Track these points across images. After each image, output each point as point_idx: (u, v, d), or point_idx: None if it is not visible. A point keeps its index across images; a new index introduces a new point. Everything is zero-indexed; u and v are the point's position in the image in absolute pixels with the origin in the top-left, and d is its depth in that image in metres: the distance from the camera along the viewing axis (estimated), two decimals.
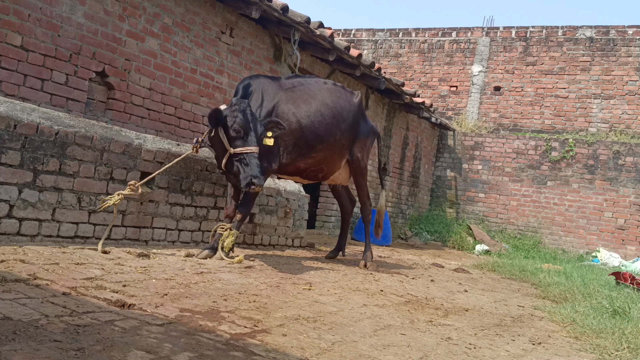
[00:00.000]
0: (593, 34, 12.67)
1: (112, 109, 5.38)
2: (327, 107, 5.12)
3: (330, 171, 5.40)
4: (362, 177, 5.72)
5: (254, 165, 4.12)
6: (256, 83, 4.80)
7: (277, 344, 2.30)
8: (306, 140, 4.96)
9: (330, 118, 5.12)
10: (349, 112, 5.35)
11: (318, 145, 5.04)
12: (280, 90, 4.88)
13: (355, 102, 5.49)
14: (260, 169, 4.15)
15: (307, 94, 5.05)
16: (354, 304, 3.48)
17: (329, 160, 5.25)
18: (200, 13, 6.26)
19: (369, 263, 5.50)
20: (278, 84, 4.95)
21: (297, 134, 4.89)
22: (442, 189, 13.16)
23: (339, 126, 5.21)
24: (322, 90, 5.21)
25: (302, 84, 5.15)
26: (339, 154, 5.35)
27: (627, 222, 11.41)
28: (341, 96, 5.36)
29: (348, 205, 6.09)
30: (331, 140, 5.14)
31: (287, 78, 5.18)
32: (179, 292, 2.95)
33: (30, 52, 4.65)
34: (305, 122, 4.93)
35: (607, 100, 12.43)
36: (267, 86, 4.83)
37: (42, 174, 3.59)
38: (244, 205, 4.67)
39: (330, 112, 5.13)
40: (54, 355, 1.73)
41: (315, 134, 5.00)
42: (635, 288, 5.73)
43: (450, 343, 2.86)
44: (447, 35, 14.03)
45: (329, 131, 5.11)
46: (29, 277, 2.64)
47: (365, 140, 5.62)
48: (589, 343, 3.33)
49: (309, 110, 4.98)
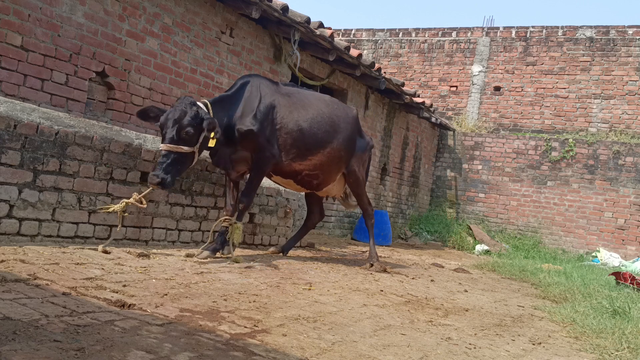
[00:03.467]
0: (593, 34, 12.67)
1: (112, 109, 5.38)
2: (324, 115, 5.17)
3: (325, 181, 5.39)
4: (360, 188, 5.76)
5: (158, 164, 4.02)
6: (255, 81, 4.83)
7: (277, 344, 2.30)
8: (304, 142, 4.98)
9: (327, 126, 5.16)
10: (347, 124, 5.40)
11: (315, 148, 5.07)
12: (277, 92, 4.92)
13: (352, 116, 5.56)
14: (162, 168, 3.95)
15: (304, 101, 5.11)
16: (354, 304, 3.48)
17: (326, 168, 5.25)
18: (200, 13, 6.26)
19: (376, 263, 5.51)
20: (276, 87, 4.99)
21: (295, 135, 4.91)
22: (442, 189, 13.16)
23: (336, 136, 5.24)
24: (319, 101, 5.27)
25: (299, 92, 5.21)
26: (336, 165, 5.37)
27: (627, 222, 11.41)
28: (338, 108, 5.43)
29: (316, 215, 5.88)
30: (328, 148, 5.17)
31: (285, 85, 5.24)
32: (179, 292, 2.95)
33: (30, 52, 4.64)
34: (304, 125, 4.97)
35: (607, 100, 12.43)
36: (266, 86, 4.86)
37: (42, 174, 3.59)
38: (246, 195, 4.71)
39: (327, 121, 5.18)
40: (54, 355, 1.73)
41: (314, 137, 5.03)
42: (635, 288, 5.73)
43: (450, 343, 2.86)
44: (447, 35, 14.03)
45: (327, 138, 5.14)
46: (29, 277, 2.64)
47: (362, 154, 5.70)
48: (589, 343, 3.33)
49: (307, 115, 5.02)
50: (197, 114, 4.09)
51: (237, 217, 4.65)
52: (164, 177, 3.87)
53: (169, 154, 3.96)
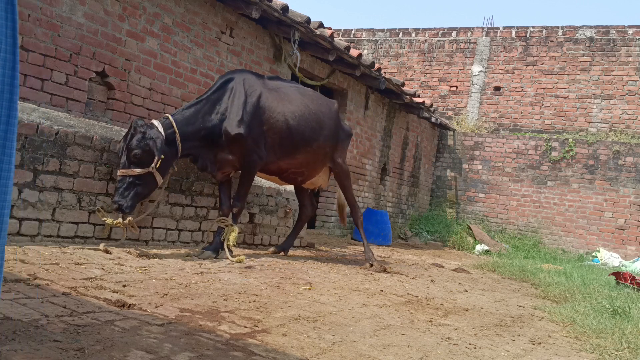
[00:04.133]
0: (593, 34, 12.67)
1: (112, 109, 5.38)
2: (311, 111, 5.14)
3: (309, 175, 5.42)
4: (347, 179, 5.74)
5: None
6: (239, 77, 4.74)
7: (277, 344, 2.30)
8: (292, 140, 4.94)
9: (314, 122, 5.14)
10: (330, 120, 5.40)
11: (302, 147, 5.05)
12: (264, 88, 4.83)
13: (335, 110, 5.55)
14: (119, 194, 3.94)
15: (291, 97, 5.04)
16: (354, 304, 3.48)
17: (311, 164, 5.26)
18: (200, 13, 6.26)
19: (376, 263, 5.49)
20: (262, 82, 4.90)
21: (284, 133, 4.87)
22: (442, 189, 13.16)
23: (322, 132, 5.23)
24: (304, 96, 5.22)
25: (285, 86, 5.14)
26: (321, 161, 5.38)
27: (627, 222, 11.41)
28: (322, 103, 5.41)
29: (308, 208, 5.85)
30: (314, 145, 5.15)
31: (270, 79, 5.14)
32: (179, 292, 2.95)
33: (30, 52, 4.64)
34: (292, 123, 4.92)
35: (607, 100, 12.43)
36: (251, 82, 4.75)
37: (42, 174, 3.59)
38: (239, 198, 4.72)
39: (314, 117, 5.16)
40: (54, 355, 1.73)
41: (301, 136, 5.01)
42: (635, 288, 5.73)
43: (450, 343, 2.86)
44: (447, 35, 14.03)
45: (313, 135, 5.12)
46: (29, 277, 2.64)
47: (343, 145, 5.71)
48: (589, 343, 3.33)
49: (295, 113, 4.97)
50: (144, 136, 4.02)
51: (233, 219, 4.64)
52: (121, 203, 3.88)
53: (123, 179, 3.94)
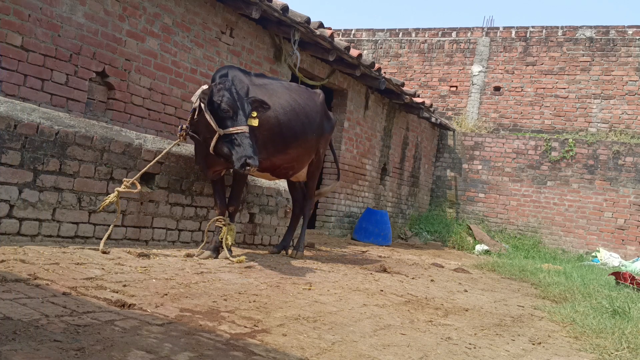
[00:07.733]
0: (593, 34, 12.67)
1: (112, 109, 5.38)
2: (300, 107, 5.09)
3: (299, 169, 5.40)
4: (318, 170, 5.71)
5: (247, 145, 3.97)
6: (231, 73, 4.68)
7: (277, 344, 2.30)
8: (283, 136, 4.89)
9: (303, 117, 5.10)
10: (317, 114, 5.35)
11: (293, 142, 5.00)
12: (252, 85, 4.76)
13: (320, 102, 5.47)
14: (254, 149, 3.99)
15: (278, 93, 4.98)
16: (354, 304, 3.48)
17: (301, 158, 5.25)
18: (201, 13, 6.26)
19: (299, 253, 5.39)
20: (250, 79, 4.83)
21: (274, 129, 4.80)
22: (442, 189, 13.16)
23: (310, 126, 5.19)
24: (291, 91, 5.15)
25: (271, 83, 5.09)
26: (309, 155, 5.37)
27: (627, 222, 11.41)
28: (309, 97, 5.34)
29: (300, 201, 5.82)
30: (304, 139, 5.11)
31: (256, 76, 5.06)
32: (179, 292, 2.96)
33: (31, 52, 4.65)
34: (283, 119, 4.86)
35: (607, 100, 12.43)
36: (241, 79, 4.69)
37: (42, 174, 3.60)
38: (234, 197, 4.68)
39: (303, 112, 5.11)
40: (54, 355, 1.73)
41: (292, 132, 4.96)
42: (635, 288, 5.73)
43: (450, 343, 2.86)
44: (447, 36, 14.03)
45: (303, 130, 5.08)
46: (29, 277, 2.65)
47: (328, 136, 5.66)
48: (589, 343, 3.33)
49: (284, 109, 4.91)
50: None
51: (229, 219, 4.62)
52: (256, 158, 4.01)
53: (244, 135, 4.06)
